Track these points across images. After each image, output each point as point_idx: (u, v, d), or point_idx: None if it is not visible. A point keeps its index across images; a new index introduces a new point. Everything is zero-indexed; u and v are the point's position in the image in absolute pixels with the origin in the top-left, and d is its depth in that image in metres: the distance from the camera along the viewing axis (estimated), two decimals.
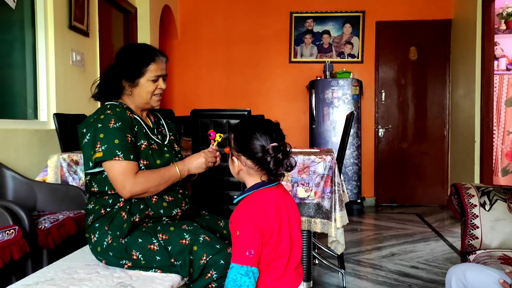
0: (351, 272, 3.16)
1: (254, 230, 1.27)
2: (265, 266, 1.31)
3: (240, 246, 1.27)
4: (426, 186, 5.80)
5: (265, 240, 1.29)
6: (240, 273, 1.25)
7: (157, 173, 1.72)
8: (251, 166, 1.34)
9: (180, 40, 6.07)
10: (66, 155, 2.69)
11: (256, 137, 1.31)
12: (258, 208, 1.31)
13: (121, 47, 1.87)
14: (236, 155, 1.37)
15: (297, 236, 1.39)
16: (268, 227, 1.29)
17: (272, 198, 1.35)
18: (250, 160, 1.33)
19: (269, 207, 1.32)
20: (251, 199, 1.35)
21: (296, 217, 1.41)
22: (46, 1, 3.36)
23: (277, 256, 1.33)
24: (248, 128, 1.35)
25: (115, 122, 1.68)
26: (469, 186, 2.10)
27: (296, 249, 1.38)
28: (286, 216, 1.36)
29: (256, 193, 1.35)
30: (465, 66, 5.12)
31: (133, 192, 1.66)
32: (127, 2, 4.74)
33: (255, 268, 1.26)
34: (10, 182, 2.68)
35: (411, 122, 5.82)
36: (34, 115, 3.38)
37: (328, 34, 5.89)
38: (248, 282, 1.24)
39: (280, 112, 5.89)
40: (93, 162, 1.66)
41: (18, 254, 1.96)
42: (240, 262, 1.25)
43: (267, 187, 1.36)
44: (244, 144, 1.33)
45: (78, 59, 3.72)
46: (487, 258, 1.89)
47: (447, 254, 3.61)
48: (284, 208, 1.37)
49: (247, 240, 1.26)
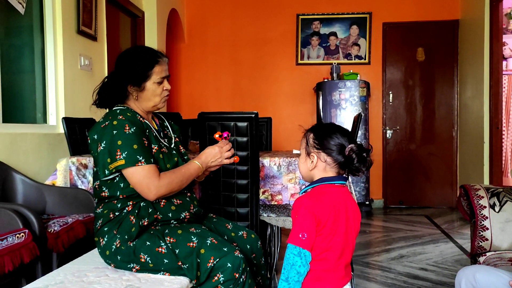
0: (360, 274, 3.14)
1: (310, 216, 1.37)
2: (316, 254, 1.39)
3: (296, 228, 1.37)
4: (435, 187, 5.76)
5: (318, 228, 1.38)
6: (293, 253, 1.35)
7: (178, 172, 1.74)
8: (330, 162, 1.45)
9: (187, 44, 6.09)
10: (75, 159, 2.70)
11: (337, 137, 1.44)
12: (317, 198, 1.42)
13: (120, 53, 1.85)
14: (315, 152, 1.46)
15: (351, 237, 1.46)
16: (323, 217, 1.38)
17: (333, 194, 1.44)
18: (330, 157, 1.44)
19: (328, 199, 1.42)
20: (314, 191, 1.46)
21: (354, 220, 1.48)
22: (55, 6, 3.40)
23: (329, 247, 1.40)
24: (329, 128, 1.48)
25: (130, 127, 1.67)
26: (478, 187, 2.08)
27: (348, 249, 1.45)
28: (344, 214, 1.43)
29: (320, 186, 1.46)
30: (473, 66, 5.09)
31: (159, 194, 1.68)
32: (134, 6, 4.77)
33: (307, 251, 1.36)
34: (20, 186, 2.70)
35: (419, 123, 5.80)
36: (43, 119, 3.41)
37: (335, 35, 5.88)
38: (300, 262, 1.34)
39: (288, 114, 5.90)
40: (110, 170, 1.65)
41: (28, 257, 1.97)
42: (294, 242, 1.36)
43: (331, 183, 1.46)
44: (326, 142, 1.44)
45: (87, 64, 3.75)
46: (497, 260, 1.88)
47: (456, 256, 3.58)
48: (343, 207, 1.44)
49: (302, 223, 1.37)
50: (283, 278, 1.36)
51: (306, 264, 1.36)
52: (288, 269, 1.35)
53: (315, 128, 1.51)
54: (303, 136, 1.53)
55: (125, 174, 1.67)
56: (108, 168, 1.65)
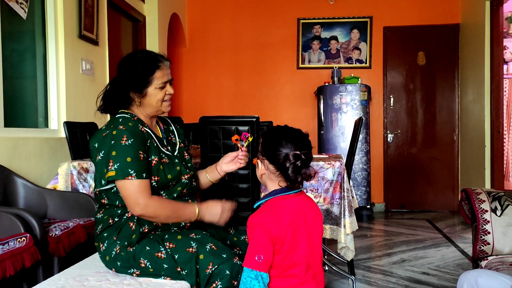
0: (362, 278, 3.14)
1: (266, 236, 1.30)
2: (279, 273, 1.34)
3: (251, 251, 1.31)
4: (436, 191, 5.75)
5: (277, 247, 1.32)
6: (250, 276, 1.29)
7: (173, 205, 1.70)
8: (273, 171, 1.39)
9: (188, 48, 6.11)
10: (76, 163, 2.71)
11: (281, 144, 1.36)
12: (272, 215, 1.34)
13: (122, 58, 1.82)
14: (261, 158, 1.43)
15: (316, 245, 1.40)
16: (280, 235, 1.32)
17: (289, 206, 1.37)
18: (272, 165, 1.38)
19: (284, 215, 1.35)
20: (268, 206, 1.39)
21: (317, 226, 1.42)
22: (57, 11, 3.41)
23: (292, 264, 1.34)
24: (276, 134, 1.41)
25: (128, 138, 1.65)
26: (480, 191, 2.08)
27: (315, 258, 1.39)
28: (303, 225, 1.37)
29: (275, 199, 1.39)
30: (474, 70, 5.09)
31: (144, 213, 1.64)
32: (136, 11, 4.79)
33: (264, 273, 1.30)
34: (21, 190, 2.70)
35: (420, 127, 5.80)
36: (45, 124, 3.42)
37: (336, 40, 5.89)
38: (258, 286, 1.28)
39: (289, 118, 5.89)
40: (105, 180, 1.64)
41: (29, 261, 1.97)
42: (250, 266, 1.30)
43: (286, 194, 1.39)
44: (270, 149, 1.38)
45: (88, 68, 3.76)
46: (499, 264, 1.87)
47: (458, 260, 3.57)
48: (302, 217, 1.38)
49: (257, 245, 1.30)
50: None
51: (264, 286, 1.30)
52: None
53: (265, 133, 1.45)
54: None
55: (117, 186, 1.66)
56: (104, 178, 1.64)
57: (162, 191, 1.75)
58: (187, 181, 1.82)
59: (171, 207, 1.69)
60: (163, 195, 1.75)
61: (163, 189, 1.75)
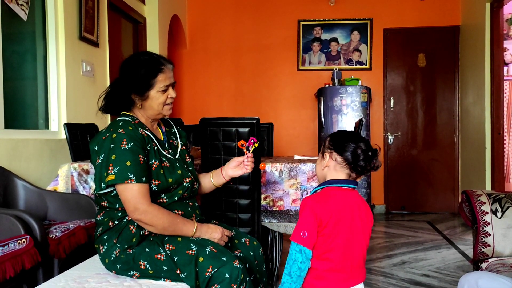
0: None
1: (312, 216, 1.45)
2: (319, 254, 1.47)
3: (298, 227, 1.46)
4: (437, 193, 5.75)
5: (320, 228, 1.45)
6: (295, 249, 1.44)
7: (172, 218, 1.67)
8: (340, 162, 1.52)
9: (189, 49, 6.11)
10: (76, 165, 2.71)
11: (350, 139, 1.53)
12: (321, 199, 1.49)
13: (124, 59, 1.81)
14: (328, 152, 1.56)
15: (359, 241, 1.51)
16: (324, 218, 1.45)
17: (339, 197, 1.51)
18: (340, 156, 1.52)
19: (332, 202, 1.49)
20: (322, 192, 1.54)
21: (364, 224, 1.53)
22: (57, 12, 3.42)
23: (330, 248, 1.47)
24: (345, 133, 1.58)
25: (127, 142, 1.64)
26: (480, 193, 2.08)
27: (355, 252, 1.50)
28: (349, 217, 1.49)
29: (329, 188, 1.54)
30: (474, 72, 5.09)
31: (141, 219, 1.63)
32: (136, 12, 4.79)
33: (307, 249, 1.44)
34: (22, 192, 2.70)
35: (420, 128, 5.79)
36: (45, 125, 3.42)
37: (336, 41, 5.90)
38: (301, 258, 1.43)
39: (289, 120, 5.90)
40: (105, 184, 1.63)
41: (29, 263, 1.97)
42: (295, 240, 1.45)
43: (340, 186, 1.53)
44: (340, 142, 1.53)
45: (88, 70, 3.76)
46: (500, 266, 1.87)
47: (459, 262, 3.57)
48: (349, 210, 1.50)
49: (304, 222, 1.45)
50: (286, 272, 1.45)
51: (307, 260, 1.44)
52: (291, 264, 1.44)
53: (333, 134, 1.63)
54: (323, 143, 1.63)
55: (117, 190, 1.66)
56: (104, 182, 1.64)
57: (163, 194, 1.74)
58: (188, 185, 1.81)
59: (170, 220, 1.66)
60: (164, 198, 1.75)
61: (164, 192, 1.74)
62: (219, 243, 1.73)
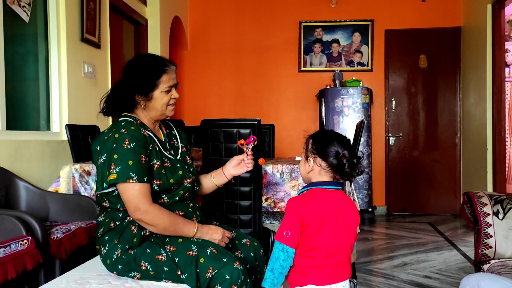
0: (363, 282, 3.13)
1: (295, 216, 1.49)
2: (302, 252, 1.52)
3: (282, 227, 1.51)
4: (438, 194, 5.74)
5: (303, 229, 1.50)
6: (278, 247, 1.50)
7: (173, 218, 1.67)
8: (324, 167, 1.56)
9: (190, 51, 6.12)
10: (78, 166, 2.71)
11: (333, 144, 1.54)
12: (305, 201, 1.53)
13: (128, 61, 1.83)
14: (312, 156, 1.58)
15: (342, 240, 1.54)
16: (308, 219, 1.49)
17: (323, 198, 1.54)
18: (324, 162, 1.55)
19: (316, 203, 1.52)
20: (306, 194, 1.58)
21: (348, 224, 1.55)
22: (59, 14, 3.42)
23: (314, 247, 1.51)
24: (327, 135, 1.59)
25: (129, 142, 1.65)
26: (482, 195, 2.07)
27: (339, 251, 1.53)
28: (333, 217, 1.53)
29: (314, 190, 1.57)
30: (475, 73, 5.09)
31: (142, 218, 1.63)
32: (137, 14, 4.80)
33: (290, 248, 1.49)
34: (23, 193, 2.71)
35: (422, 130, 5.79)
36: (47, 126, 3.42)
37: (337, 43, 5.90)
38: (283, 256, 1.49)
39: (290, 121, 5.90)
40: (107, 183, 1.64)
41: (31, 264, 1.97)
42: (279, 239, 1.50)
43: (324, 188, 1.56)
44: (323, 148, 1.55)
45: (90, 71, 3.77)
46: (502, 268, 1.87)
47: (460, 263, 3.56)
48: (334, 211, 1.53)
49: (287, 223, 1.50)
50: (269, 269, 1.51)
51: (289, 258, 1.50)
52: (274, 261, 1.50)
53: (314, 135, 1.63)
54: (305, 141, 1.64)
55: (118, 189, 1.66)
56: (106, 181, 1.65)
57: (164, 194, 1.75)
58: (189, 185, 1.82)
59: (171, 220, 1.67)
60: (165, 198, 1.75)
61: (165, 192, 1.75)
62: (220, 244, 1.74)
